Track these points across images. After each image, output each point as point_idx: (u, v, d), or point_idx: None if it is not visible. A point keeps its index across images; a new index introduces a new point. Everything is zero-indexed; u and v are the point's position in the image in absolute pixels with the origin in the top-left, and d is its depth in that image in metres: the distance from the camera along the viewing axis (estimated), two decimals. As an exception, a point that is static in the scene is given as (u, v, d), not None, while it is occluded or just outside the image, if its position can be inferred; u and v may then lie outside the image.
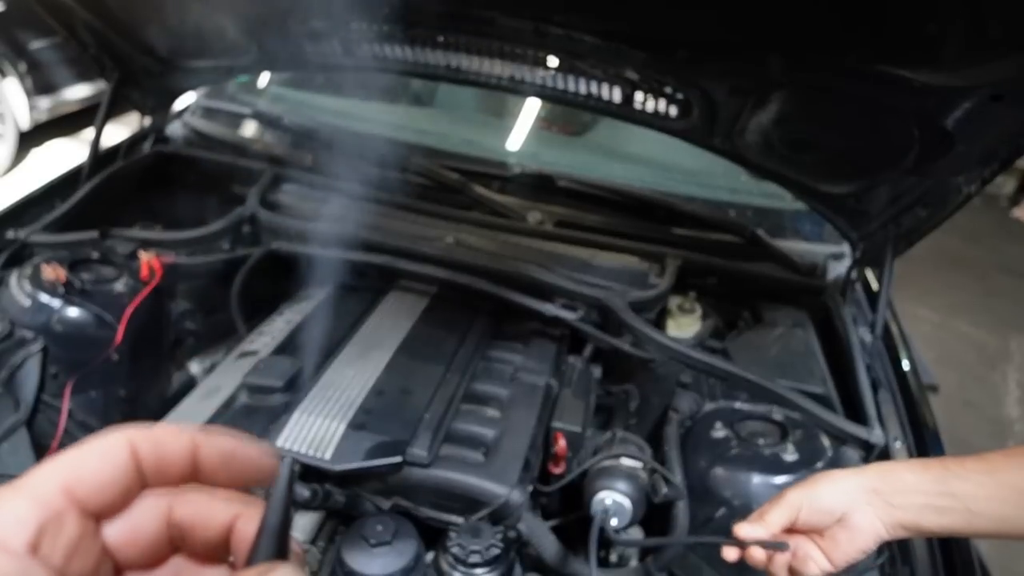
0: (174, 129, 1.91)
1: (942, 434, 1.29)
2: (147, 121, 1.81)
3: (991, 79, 0.99)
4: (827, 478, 0.82)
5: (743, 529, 0.81)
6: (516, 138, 1.98)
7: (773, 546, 0.79)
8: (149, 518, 0.36)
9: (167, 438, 0.36)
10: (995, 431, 3.37)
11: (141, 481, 0.35)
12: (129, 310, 1.31)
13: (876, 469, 0.82)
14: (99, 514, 0.34)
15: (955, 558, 1.03)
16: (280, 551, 0.35)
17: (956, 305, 4.42)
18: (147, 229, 1.48)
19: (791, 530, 0.82)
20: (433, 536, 1.05)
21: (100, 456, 0.34)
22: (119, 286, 1.37)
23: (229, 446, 0.38)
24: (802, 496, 0.81)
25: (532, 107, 2.00)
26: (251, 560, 0.34)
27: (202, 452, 0.37)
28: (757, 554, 0.81)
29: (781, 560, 0.81)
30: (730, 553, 0.85)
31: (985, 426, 3.39)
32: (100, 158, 1.63)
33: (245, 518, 0.37)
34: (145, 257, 1.38)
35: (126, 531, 0.35)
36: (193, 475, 0.37)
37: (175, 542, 0.37)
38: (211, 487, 0.37)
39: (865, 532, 0.77)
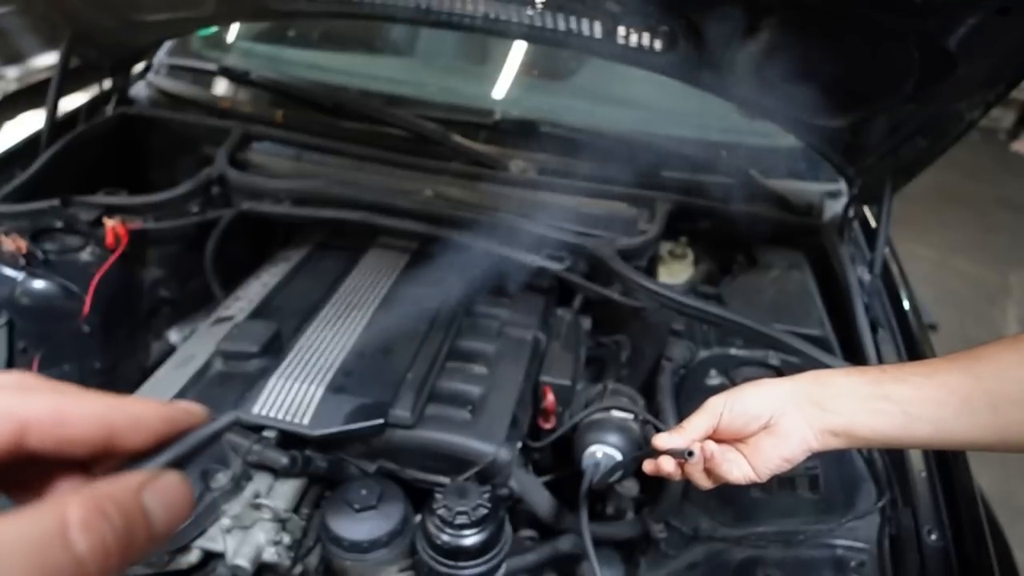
0: (138, 90, 1.81)
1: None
2: (108, 83, 1.72)
3: (998, -11, 0.91)
4: (755, 384, 0.77)
5: (659, 438, 0.77)
6: (498, 85, 1.89)
7: (678, 453, 0.75)
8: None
9: (73, 413, 0.32)
10: (994, 367, 3.35)
11: (22, 460, 0.31)
12: (96, 279, 1.26)
13: (810, 376, 0.76)
14: None
15: (958, 497, 1.00)
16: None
17: (955, 242, 4.37)
18: (112, 195, 1.41)
19: (719, 440, 0.78)
20: (422, 498, 1.02)
21: None
22: (85, 255, 1.31)
23: (140, 409, 0.34)
24: (724, 401, 0.77)
25: (515, 52, 1.91)
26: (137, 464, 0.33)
27: (115, 420, 0.33)
28: (666, 464, 0.78)
29: (695, 468, 0.77)
30: (646, 466, 0.81)
31: (984, 363, 3.38)
32: (59, 123, 1.55)
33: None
34: (110, 224, 1.32)
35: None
36: (107, 446, 0.33)
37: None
38: None
39: (791, 438, 0.73)
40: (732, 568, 1.01)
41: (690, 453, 0.75)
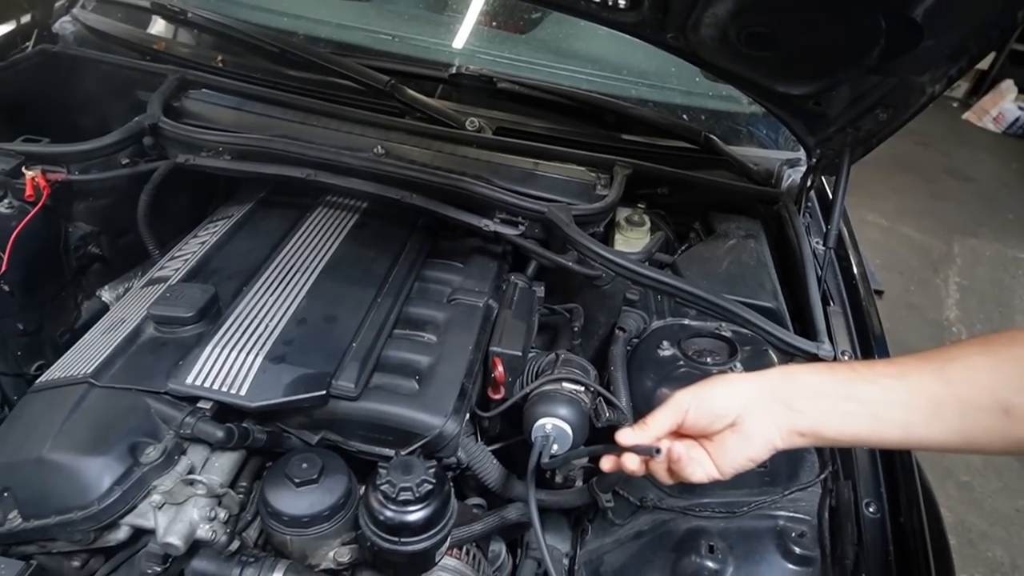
0: (63, 26, 1.66)
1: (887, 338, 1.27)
2: (27, 17, 1.56)
3: (968, -41, 0.89)
4: (722, 380, 0.76)
5: (623, 435, 0.76)
6: (455, 36, 1.80)
7: (644, 451, 0.74)
8: None
9: None
10: (935, 333, 3.49)
11: None
12: (14, 235, 1.16)
13: (778, 372, 0.75)
14: None
15: (896, 469, 1.02)
16: None
17: (903, 210, 4.47)
18: (32, 142, 1.30)
19: (683, 434, 0.77)
20: (368, 468, 0.99)
21: None
22: (2, 208, 1.21)
23: None
24: (691, 397, 0.75)
25: (475, 2, 1.82)
26: None
27: None
28: (630, 462, 0.77)
29: (658, 465, 0.76)
30: (606, 463, 0.80)
31: (926, 329, 3.51)
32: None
33: None
34: (30, 174, 1.22)
35: None
36: None
37: None
38: None
39: (756, 439, 0.72)
40: (677, 537, 1.02)
41: (657, 451, 0.73)
